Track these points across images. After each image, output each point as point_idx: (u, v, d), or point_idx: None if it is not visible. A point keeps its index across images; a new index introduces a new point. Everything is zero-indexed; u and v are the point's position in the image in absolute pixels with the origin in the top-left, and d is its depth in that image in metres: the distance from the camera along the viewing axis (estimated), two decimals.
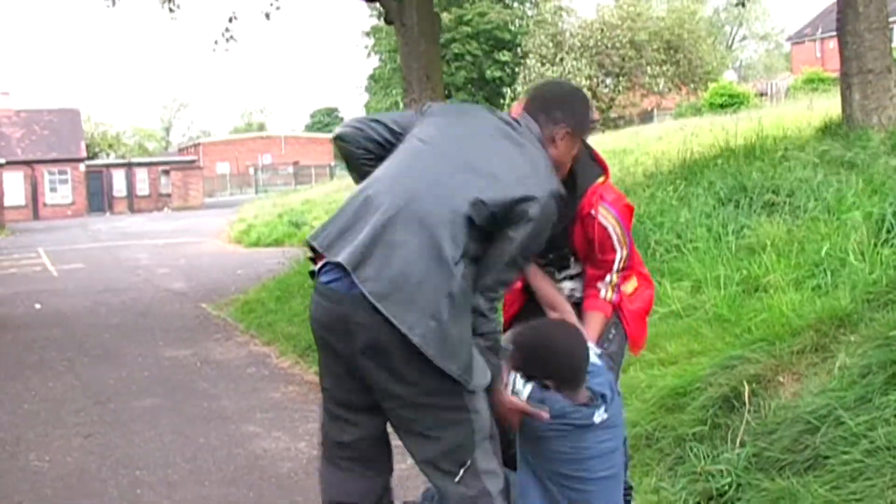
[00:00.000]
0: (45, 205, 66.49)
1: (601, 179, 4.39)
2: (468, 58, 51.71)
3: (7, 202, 57.51)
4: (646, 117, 49.37)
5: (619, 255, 4.37)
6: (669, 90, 50.89)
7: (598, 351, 4.08)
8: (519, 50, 50.69)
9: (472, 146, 3.70)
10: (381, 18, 17.71)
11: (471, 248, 3.51)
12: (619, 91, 50.52)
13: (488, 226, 3.52)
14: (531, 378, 3.80)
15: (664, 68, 48.71)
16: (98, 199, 68.18)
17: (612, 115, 50.34)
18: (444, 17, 23.15)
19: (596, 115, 50.17)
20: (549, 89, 4.14)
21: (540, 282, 4.33)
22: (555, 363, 3.82)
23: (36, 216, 64.69)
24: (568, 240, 4.36)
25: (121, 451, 7.16)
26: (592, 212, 4.30)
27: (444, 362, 3.44)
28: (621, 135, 33.86)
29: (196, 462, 6.77)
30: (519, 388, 3.78)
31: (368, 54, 59.43)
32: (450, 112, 3.95)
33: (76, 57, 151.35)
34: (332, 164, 73.81)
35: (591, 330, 4.25)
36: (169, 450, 7.09)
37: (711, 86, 47.24)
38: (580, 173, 4.30)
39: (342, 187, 39.48)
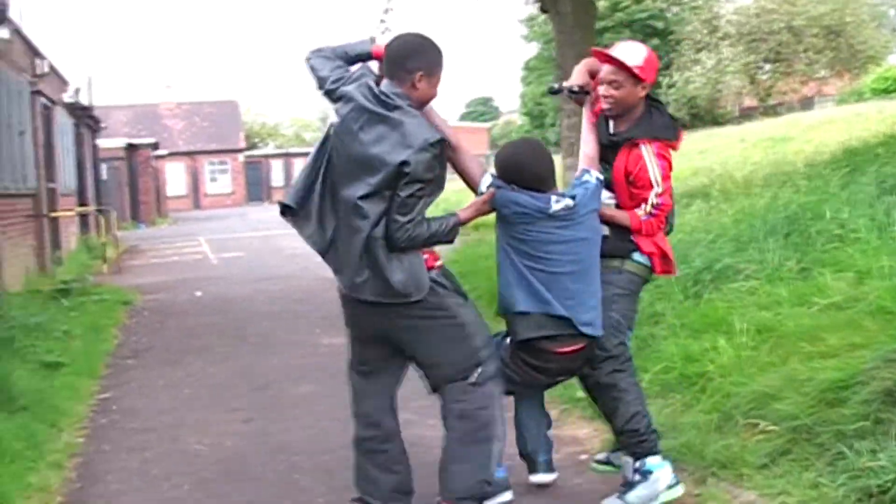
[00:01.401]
0: (205, 194, 68.19)
1: (661, 140, 5.38)
2: None
3: (169, 192, 59.15)
4: (806, 104, 48.17)
5: (655, 190, 5.28)
6: (830, 76, 49.57)
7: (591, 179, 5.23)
8: (672, 37, 49.95)
9: (352, 146, 4.85)
10: (537, 7, 17.54)
11: (373, 214, 4.74)
12: (777, 77, 49.38)
13: (384, 190, 4.73)
14: (508, 184, 5.14)
15: (824, 53, 47.43)
16: (256, 188, 69.61)
17: (772, 101, 49.25)
18: (600, 4, 22.96)
19: (753, 102, 49.31)
20: (395, 48, 4.99)
21: (462, 158, 5.28)
22: (517, 171, 5.14)
23: (197, 205, 66.40)
24: (610, 167, 5.36)
25: (278, 436, 7.30)
26: (639, 143, 5.29)
27: (387, 296, 4.84)
28: (780, 122, 33.18)
29: (352, 449, 6.84)
30: (483, 182, 5.21)
31: (525, 42, 59.27)
32: (344, 117, 4.93)
33: (235, 49, 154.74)
34: (488, 153, 73.84)
35: (611, 210, 5.34)
36: (326, 436, 7.17)
37: (875, 71, 45.86)
38: (649, 124, 5.38)
39: None
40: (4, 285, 12.83)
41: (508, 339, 5.28)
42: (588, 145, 5.47)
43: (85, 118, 27.63)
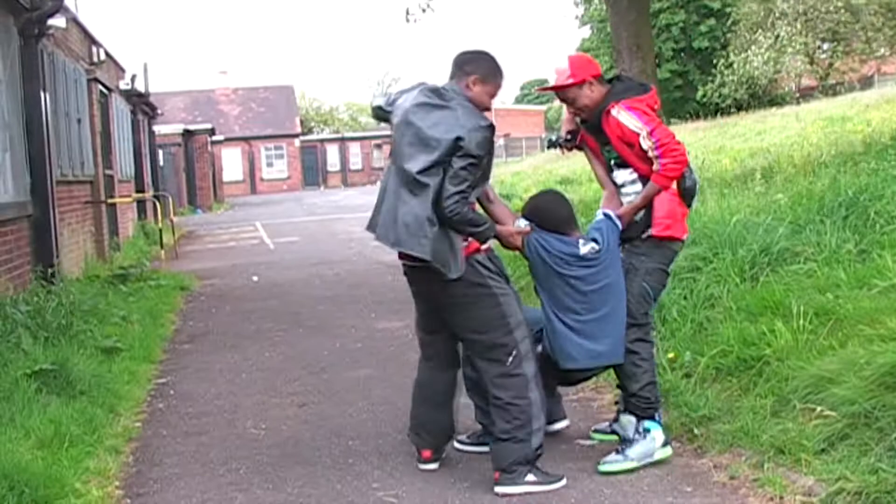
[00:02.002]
0: (261, 179, 68.56)
1: (626, 99, 5.83)
2: (675, 29, 50.71)
3: (226, 177, 59.51)
4: (866, 83, 47.52)
5: (642, 133, 5.71)
6: (890, 54, 48.83)
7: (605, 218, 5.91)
8: (728, 18, 49.41)
9: (414, 125, 5.52)
10: None
11: (432, 187, 5.36)
12: (836, 57, 48.75)
13: (443, 163, 5.36)
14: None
15: (882, 32, 46.70)
16: (312, 173, 69.89)
17: (831, 81, 48.62)
18: None
19: (812, 82, 48.75)
20: (459, 55, 5.77)
21: (494, 206, 5.92)
22: (542, 215, 5.90)
23: (253, 190, 66.78)
24: (615, 151, 5.95)
25: (334, 420, 7.33)
26: (608, 110, 5.83)
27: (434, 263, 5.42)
28: (838, 102, 32.77)
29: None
30: (518, 223, 5.86)
31: (579, 25, 58.93)
32: (399, 107, 5.71)
33: (290, 34, 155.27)
34: (543, 135, 73.49)
35: (637, 198, 5.89)
36: (381, 420, 7.21)
37: None
38: (611, 94, 5.91)
39: (552, 158, 39.35)
40: (63, 271, 12.97)
41: (541, 348, 5.99)
42: (604, 188, 6.32)
43: (141, 105, 27.83)
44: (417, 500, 5.60)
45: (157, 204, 22.27)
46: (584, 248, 5.76)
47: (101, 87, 19.71)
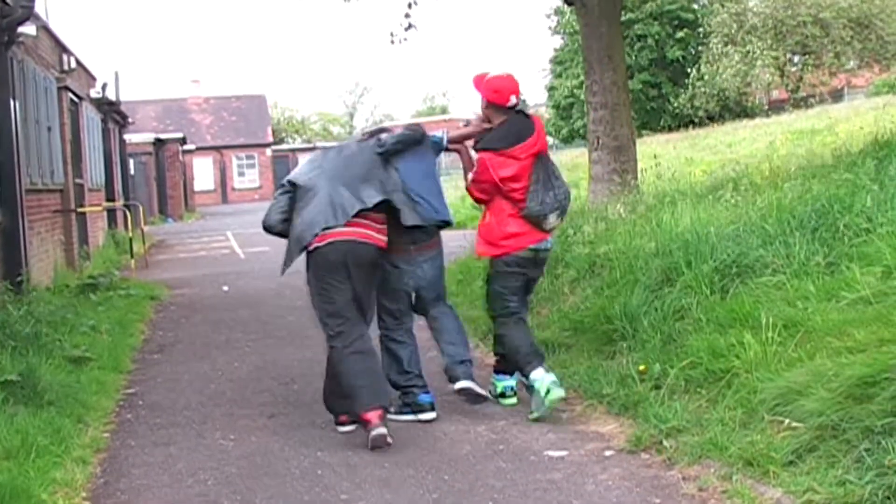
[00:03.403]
0: (233, 189, 68.38)
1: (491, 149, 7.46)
2: (650, 39, 50.87)
3: (197, 187, 59.38)
4: (836, 96, 47.84)
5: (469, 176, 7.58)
6: (859, 67, 49.18)
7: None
8: (701, 30, 49.67)
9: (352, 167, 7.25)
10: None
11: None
12: (807, 70, 49.03)
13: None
14: None
15: (852, 45, 47.02)
16: None
17: (802, 94, 48.90)
18: None
19: (783, 94, 48.98)
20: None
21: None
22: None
23: (225, 200, 66.59)
24: None
25: (303, 431, 7.31)
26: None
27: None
28: (808, 115, 32.99)
29: None
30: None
31: (551, 34, 58.98)
32: (332, 153, 7.58)
33: (263, 43, 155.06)
34: None
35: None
36: (351, 432, 7.18)
37: None
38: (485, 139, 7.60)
39: None
40: (32, 281, 12.88)
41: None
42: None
43: (112, 113, 27.74)
44: None
45: (128, 213, 22.20)
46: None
47: (71, 95, 19.64)
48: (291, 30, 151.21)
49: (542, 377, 7.08)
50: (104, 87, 25.30)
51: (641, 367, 7.21)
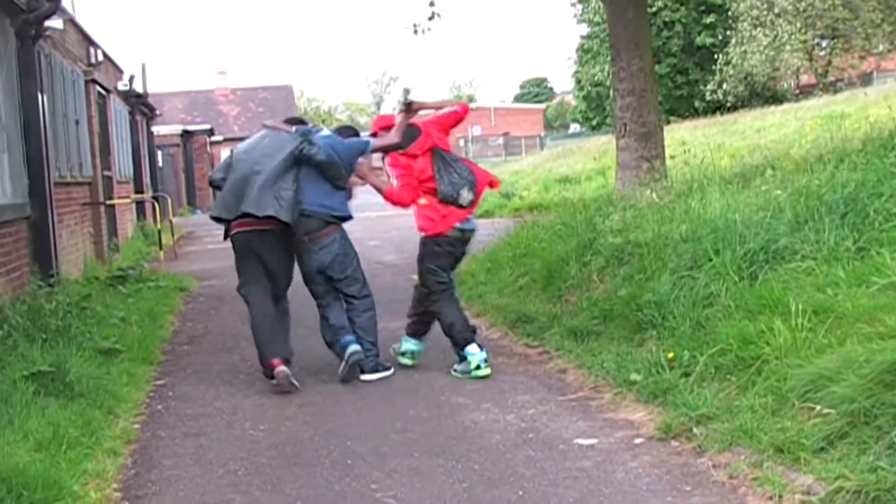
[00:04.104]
0: None
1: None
2: (678, 25, 50.58)
3: None
4: (866, 80, 47.44)
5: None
6: (889, 51, 48.75)
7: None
8: (730, 14, 49.33)
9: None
10: None
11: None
12: (836, 54, 48.65)
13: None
14: None
15: (881, 28, 46.59)
16: None
17: (831, 78, 48.52)
18: None
19: (811, 79, 48.63)
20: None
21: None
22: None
23: None
24: None
25: (333, 420, 7.32)
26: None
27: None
28: (837, 99, 32.74)
29: (405, 433, 6.86)
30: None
31: (577, 23, 58.77)
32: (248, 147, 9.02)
33: (289, 34, 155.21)
34: (542, 134, 73.36)
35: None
36: (379, 421, 7.20)
37: None
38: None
39: (551, 157, 39.34)
40: (62, 273, 12.96)
41: None
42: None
43: (140, 105, 27.81)
44: (416, 501, 5.59)
45: (156, 205, 22.24)
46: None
47: (99, 88, 19.71)
48: (318, 20, 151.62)
49: (476, 353, 8.44)
50: (131, 79, 25.38)
51: (670, 355, 7.19)
